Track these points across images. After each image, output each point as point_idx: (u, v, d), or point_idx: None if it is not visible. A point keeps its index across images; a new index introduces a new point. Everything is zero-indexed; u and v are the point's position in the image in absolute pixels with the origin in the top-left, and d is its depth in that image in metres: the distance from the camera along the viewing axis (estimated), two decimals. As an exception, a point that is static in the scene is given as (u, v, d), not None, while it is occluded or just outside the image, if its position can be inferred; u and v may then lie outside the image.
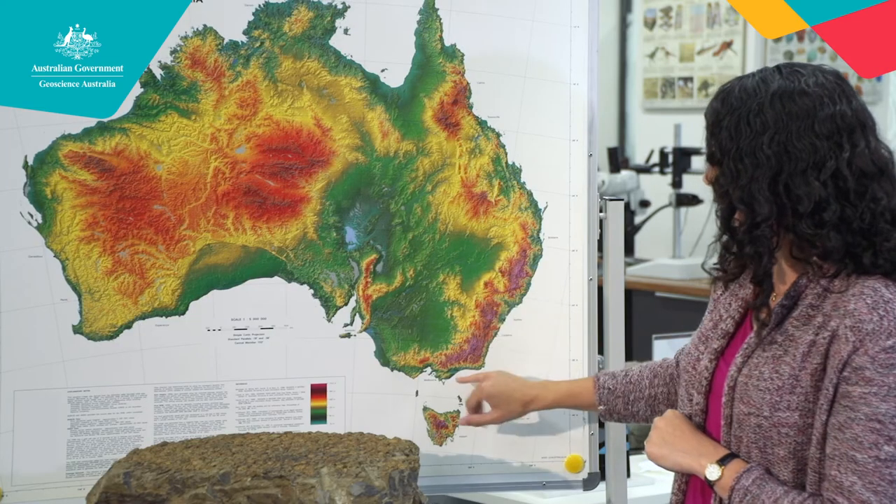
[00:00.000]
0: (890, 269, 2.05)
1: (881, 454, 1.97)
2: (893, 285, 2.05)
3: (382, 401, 2.65)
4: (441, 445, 2.68)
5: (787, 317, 2.09)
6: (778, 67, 2.11)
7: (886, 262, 2.05)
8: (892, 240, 2.06)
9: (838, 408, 2.01)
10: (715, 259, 2.28)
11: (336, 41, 2.58)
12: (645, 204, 6.83)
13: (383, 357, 2.65)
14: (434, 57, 2.63)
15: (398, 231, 2.63)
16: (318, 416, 2.62)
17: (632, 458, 3.25)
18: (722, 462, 2.09)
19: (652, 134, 7.61)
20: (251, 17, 2.54)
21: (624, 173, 6.75)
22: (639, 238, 6.97)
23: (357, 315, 2.63)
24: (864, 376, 1.98)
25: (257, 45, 2.55)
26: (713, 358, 2.19)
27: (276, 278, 2.59)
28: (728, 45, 7.36)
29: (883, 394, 1.97)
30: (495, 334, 2.68)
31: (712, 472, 2.09)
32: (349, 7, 2.58)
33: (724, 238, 2.15)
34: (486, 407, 2.61)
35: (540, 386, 2.59)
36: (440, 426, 2.68)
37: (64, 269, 2.49)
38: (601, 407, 2.51)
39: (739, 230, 2.10)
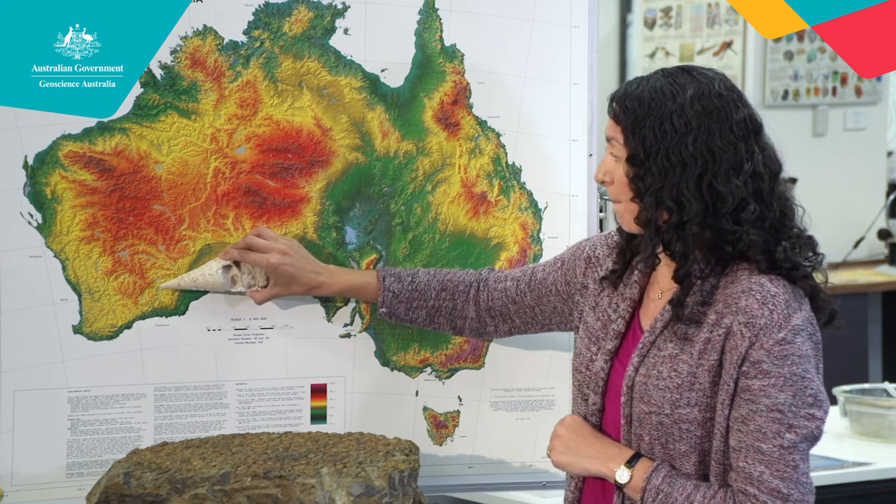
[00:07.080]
0: (790, 267, 2.13)
1: (784, 442, 2.06)
2: (776, 279, 2.12)
3: (382, 401, 2.65)
4: (441, 445, 2.68)
5: (678, 316, 2.15)
6: (683, 69, 2.18)
7: (786, 260, 2.13)
8: (793, 236, 2.16)
9: (740, 401, 2.09)
10: (602, 256, 2.35)
11: (336, 41, 2.58)
12: (645, 204, 6.82)
13: (383, 357, 2.64)
14: (434, 57, 2.63)
15: (398, 231, 2.63)
16: (318, 416, 2.62)
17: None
18: (629, 464, 2.15)
19: (651, 134, 7.60)
20: (251, 17, 2.54)
21: (624, 173, 6.73)
22: (638, 238, 6.97)
23: (357, 315, 2.62)
24: (762, 369, 2.08)
25: (257, 45, 2.54)
26: (608, 359, 2.24)
27: (276, 278, 2.59)
28: (728, 45, 7.36)
29: (780, 384, 2.07)
30: (495, 334, 2.68)
31: (622, 476, 2.15)
32: (349, 7, 2.58)
33: (649, 237, 2.17)
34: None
35: (326, 273, 2.52)
36: (440, 426, 2.68)
37: (64, 269, 2.49)
38: (382, 309, 2.51)
39: (663, 228, 2.15)
